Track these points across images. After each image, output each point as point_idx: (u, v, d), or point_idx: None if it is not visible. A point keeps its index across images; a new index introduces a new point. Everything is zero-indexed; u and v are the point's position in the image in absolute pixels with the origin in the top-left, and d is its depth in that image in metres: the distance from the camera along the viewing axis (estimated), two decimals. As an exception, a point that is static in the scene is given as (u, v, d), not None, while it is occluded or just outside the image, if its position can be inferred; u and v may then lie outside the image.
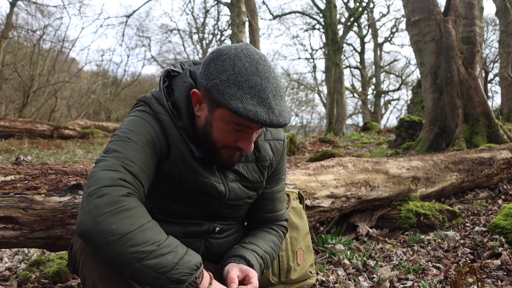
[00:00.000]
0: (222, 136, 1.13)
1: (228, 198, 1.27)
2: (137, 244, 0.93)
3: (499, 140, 5.63)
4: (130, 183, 1.03)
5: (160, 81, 1.22)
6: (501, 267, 2.06)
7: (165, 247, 0.97)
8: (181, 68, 1.29)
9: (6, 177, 1.46)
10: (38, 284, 1.96)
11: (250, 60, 1.06)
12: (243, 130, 1.10)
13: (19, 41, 18.59)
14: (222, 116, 1.09)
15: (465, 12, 6.52)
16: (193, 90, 1.14)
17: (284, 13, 24.34)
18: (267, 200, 1.41)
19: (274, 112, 1.03)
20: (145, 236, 0.95)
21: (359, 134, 12.35)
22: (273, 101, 1.04)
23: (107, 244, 0.92)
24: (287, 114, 1.07)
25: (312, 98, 33.38)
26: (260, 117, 1.01)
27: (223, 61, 1.06)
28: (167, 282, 0.95)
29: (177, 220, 1.27)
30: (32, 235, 1.47)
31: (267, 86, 1.04)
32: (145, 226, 0.97)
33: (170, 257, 0.97)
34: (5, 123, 10.81)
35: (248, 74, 1.04)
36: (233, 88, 1.03)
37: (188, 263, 0.98)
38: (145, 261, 0.93)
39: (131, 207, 0.98)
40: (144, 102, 1.22)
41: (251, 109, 1.01)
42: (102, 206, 0.94)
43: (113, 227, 0.93)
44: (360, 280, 2.01)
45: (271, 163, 1.34)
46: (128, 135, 1.11)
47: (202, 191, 1.23)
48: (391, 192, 3.00)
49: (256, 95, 1.03)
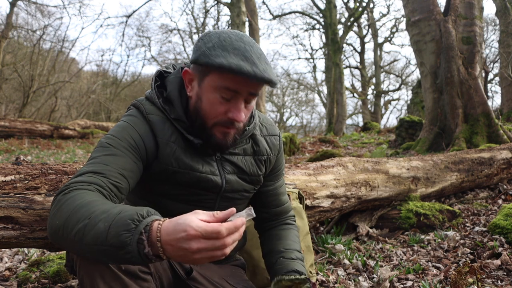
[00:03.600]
0: (212, 107, 1.13)
1: (224, 189, 1.27)
2: (73, 226, 0.87)
3: (499, 140, 5.63)
4: (84, 181, 1.00)
5: (152, 81, 1.25)
6: (501, 267, 2.06)
7: (97, 216, 0.86)
8: (173, 69, 1.32)
9: (6, 177, 1.46)
10: (38, 284, 1.96)
11: (235, 33, 1.12)
12: (232, 98, 1.11)
13: (19, 41, 18.59)
14: (210, 83, 1.11)
15: (465, 12, 6.52)
16: (184, 69, 1.18)
17: (284, 13, 24.35)
18: (271, 197, 1.45)
19: (259, 67, 1.05)
20: (78, 214, 0.88)
21: (359, 134, 12.35)
22: (257, 60, 1.06)
23: (61, 241, 0.92)
24: (272, 74, 1.09)
25: (312, 98, 33.45)
26: (244, 68, 1.03)
27: (210, 35, 1.12)
28: (114, 251, 0.82)
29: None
30: (32, 235, 1.47)
31: (251, 49, 1.08)
32: (78, 206, 0.90)
33: (102, 224, 0.84)
34: (5, 123, 10.80)
35: (232, 41, 1.08)
36: (218, 50, 1.06)
37: (120, 221, 0.83)
38: (85, 238, 0.85)
39: (69, 197, 0.94)
40: (135, 106, 1.25)
41: (234, 62, 1.03)
42: (51, 211, 0.97)
43: (56, 223, 0.92)
44: (360, 280, 2.01)
45: (268, 157, 1.37)
46: (109, 141, 1.13)
47: (197, 186, 1.23)
48: (391, 192, 3.00)
49: (240, 54, 1.06)
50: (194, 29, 26.44)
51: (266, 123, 1.40)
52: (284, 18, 26.08)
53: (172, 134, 1.19)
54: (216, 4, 22.98)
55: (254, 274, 1.69)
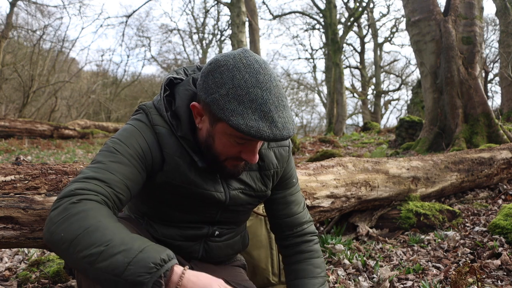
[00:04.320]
0: (225, 149, 1.10)
1: (227, 204, 1.25)
2: (84, 248, 0.86)
3: (499, 140, 5.63)
4: (92, 190, 0.98)
5: (161, 90, 1.18)
6: (501, 267, 2.06)
7: (116, 246, 0.86)
8: (184, 75, 1.25)
9: (6, 177, 1.46)
10: (38, 284, 1.96)
11: (250, 70, 1.01)
12: (246, 142, 1.08)
13: (19, 41, 18.59)
14: (224, 130, 1.06)
15: (465, 12, 6.52)
16: (192, 104, 1.11)
17: (284, 13, 24.38)
18: (280, 205, 1.38)
19: (277, 126, 0.99)
20: (92, 238, 0.87)
21: (359, 134, 12.35)
22: (275, 114, 0.99)
23: (62, 253, 0.90)
24: (291, 125, 1.03)
25: (312, 98, 33.43)
26: (263, 133, 0.97)
27: (222, 73, 1.02)
28: (125, 284, 0.84)
29: (175, 224, 1.26)
30: (32, 235, 1.47)
31: (269, 98, 1.00)
32: (92, 227, 0.89)
33: (121, 256, 0.85)
34: (5, 123, 10.80)
35: (248, 87, 0.99)
36: (233, 103, 0.98)
37: (142, 262, 0.84)
38: (97, 264, 0.85)
39: (80, 211, 0.92)
40: (143, 111, 1.19)
41: (253, 125, 0.97)
42: (53, 217, 0.93)
43: (62, 235, 0.89)
44: (360, 280, 2.01)
45: (275, 171, 1.31)
46: (116, 145, 1.09)
47: (200, 200, 1.21)
48: (391, 192, 3.00)
49: (258, 109, 0.98)
50: (194, 29, 26.48)
51: None
52: (284, 18, 26.11)
53: (178, 149, 1.15)
54: (216, 4, 23.02)
55: (254, 274, 1.69)
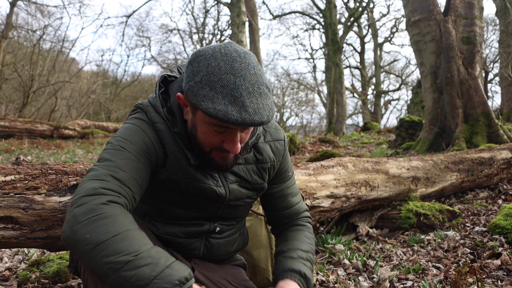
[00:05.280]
0: (207, 138, 1.11)
1: (228, 199, 1.26)
2: (110, 254, 0.88)
3: (499, 140, 5.63)
4: (114, 190, 1.00)
5: (156, 87, 1.20)
6: (501, 267, 2.06)
7: (143, 258, 0.89)
8: (178, 73, 1.27)
9: (6, 177, 1.46)
10: (38, 284, 1.96)
11: (226, 58, 1.02)
12: (226, 131, 1.08)
13: (19, 41, 18.59)
14: (202, 118, 1.07)
15: (465, 12, 6.52)
16: (177, 94, 1.13)
17: (284, 13, 24.39)
18: (278, 199, 1.40)
19: (248, 110, 0.99)
20: (120, 245, 0.89)
21: (359, 134, 12.35)
22: (247, 99, 0.99)
23: (83, 254, 0.90)
24: (265, 112, 1.02)
25: (312, 98, 33.44)
26: (231, 117, 0.98)
27: (199, 62, 1.04)
28: None
29: (177, 221, 1.27)
30: (32, 235, 1.47)
31: (242, 84, 1.00)
32: (121, 235, 0.91)
33: (148, 269, 0.88)
34: (5, 123, 10.80)
35: (222, 73, 1.00)
36: (205, 89, 1.00)
37: (169, 277, 0.88)
38: (121, 272, 0.87)
39: (108, 215, 0.93)
40: (141, 109, 1.20)
41: (221, 108, 0.98)
42: (78, 216, 0.93)
43: (87, 236, 0.90)
44: (360, 280, 2.01)
45: (272, 164, 1.33)
46: (122, 143, 1.10)
47: (201, 195, 1.22)
48: (391, 192, 3.00)
49: (228, 94, 0.99)
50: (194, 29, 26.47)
51: (270, 128, 1.35)
52: (284, 18, 26.11)
53: (177, 144, 1.17)
54: (216, 4, 23.01)
55: (254, 274, 1.69)
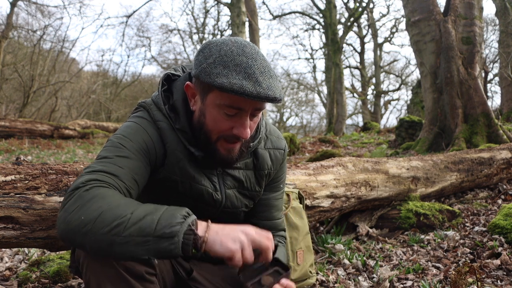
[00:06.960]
0: (216, 124, 1.10)
1: (224, 205, 1.26)
2: (109, 222, 0.88)
3: (499, 140, 5.63)
4: (105, 181, 0.99)
5: (159, 85, 1.21)
6: (500, 267, 2.06)
7: (140, 211, 0.90)
8: (182, 72, 1.28)
9: (6, 177, 1.47)
10: (38, 284, 1.96)
11: (237, 44, 1.07)
12: (236, 114, 1.08)
13: (20, 41, 18.59)
14: (213, 100, 1.08)
15: (465, 12, 6.52)
16: (186, 83, 1.14)
17: (284, 13, 24.39)
18: (263, 207, 1.38)
19: (262, 85, 1.02)
20: (115, 212, 0.89)
21: (359, 134, 12.35)
22: (260, 77, 1.03)
23: (84, 237, 0.89)
24: (278, 90, 1.05)
25: (312, 98, 33.43)
26: (246, 89, 0.99)
27: (210, 48, 1.08)
28: (158, 241, 0.86)
29: None
30: (33, 235, 1.47)
31: (254, 64, 1.04)
32: (113, 204, 0.91)
33: (149, 218, 0.88)
34: (5, 123, 10.80)
35: (234, 55, 1.04)
36: (219, 67, 1.03)
37: (171, 217, 0.89)
38: (125, 231, 0.87)
39: (95, 194, 0.93)
40: (144, 108, 1.21)
41: (236, 82, 1.00)
42: (68, 207, 0.93)
43: (82, 218, 0.89)
44: (360, 280, 2.01)
45: (269, 172, 1.33)
46: (122, 141, 1.10)
47: (198, 198, 1.22)
48: (391, 192, 3.00)
49: (242, 71, 1.02)
50: (194, 29, 26.47)
51: (273, 135, 1.35)
52: (284, 18, 26.11)
53: (178, 143, 1.17)
54: (216, 4, 23.01)
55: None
